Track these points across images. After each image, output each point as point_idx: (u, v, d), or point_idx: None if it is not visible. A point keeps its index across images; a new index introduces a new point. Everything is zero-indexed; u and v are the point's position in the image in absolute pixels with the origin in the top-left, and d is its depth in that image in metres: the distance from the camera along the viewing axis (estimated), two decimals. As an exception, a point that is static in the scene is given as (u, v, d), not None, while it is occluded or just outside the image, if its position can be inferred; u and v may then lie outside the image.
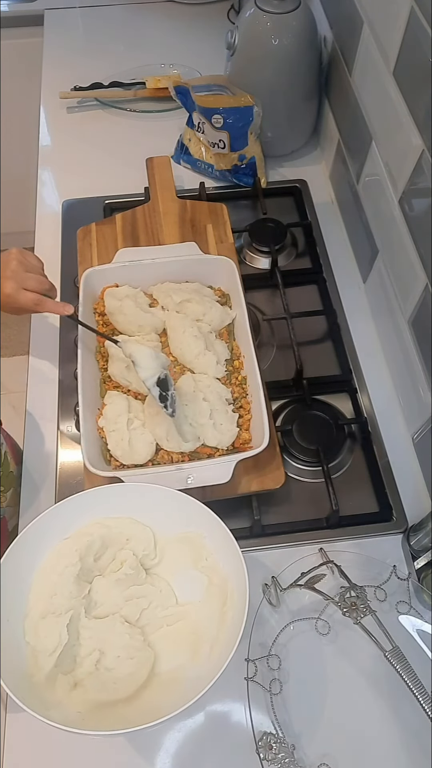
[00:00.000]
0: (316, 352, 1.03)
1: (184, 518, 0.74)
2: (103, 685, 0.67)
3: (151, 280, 0.99)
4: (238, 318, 0.95)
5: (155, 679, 0.69)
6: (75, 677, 0.67)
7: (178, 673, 0.69)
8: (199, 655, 0.69)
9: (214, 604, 0.71)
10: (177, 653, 0.70)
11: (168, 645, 0.71)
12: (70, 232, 1.12)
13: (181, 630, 0.71)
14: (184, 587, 0.74)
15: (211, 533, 0.72)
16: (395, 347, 0.96)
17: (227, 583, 0.71)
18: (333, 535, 0.85)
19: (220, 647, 0.66)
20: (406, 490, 0.89)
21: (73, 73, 1.39)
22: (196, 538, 0.74)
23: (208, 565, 0.73)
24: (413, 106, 0.82)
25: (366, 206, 1.05)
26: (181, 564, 0.75)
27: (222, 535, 0.70)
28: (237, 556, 0.68)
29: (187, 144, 1.24)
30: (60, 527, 0.73)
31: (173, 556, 0.75)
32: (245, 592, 0.65)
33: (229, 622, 0.68)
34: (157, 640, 0.71)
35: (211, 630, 0.69)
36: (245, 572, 0.66)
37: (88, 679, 0.67)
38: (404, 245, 0.88)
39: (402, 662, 0.71)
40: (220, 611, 0.70)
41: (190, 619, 0.72)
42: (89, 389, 0.87)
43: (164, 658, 0.70)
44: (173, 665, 0.69)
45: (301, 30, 1.12)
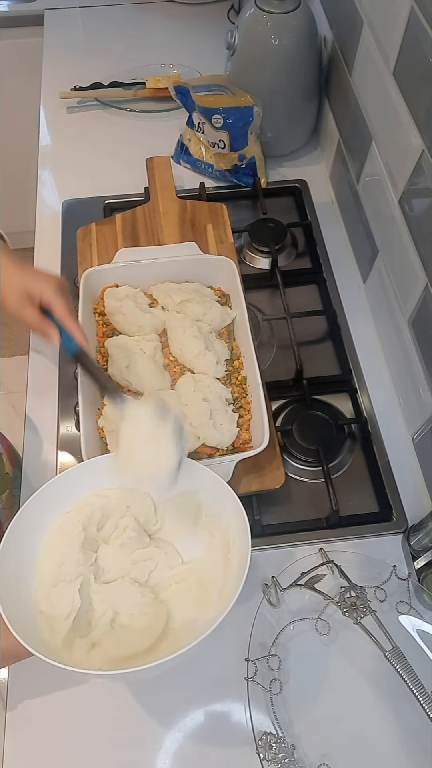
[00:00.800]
0: (316, 352, 1.03)
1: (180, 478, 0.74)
2: (121, 641, 0.68)
3: (151, 280, 0.99)
4: (238, 318, 0.95)
5: (170, 633, 0.70)
6: (92, 639, 0.68)
7: (191, 626, 0.70)
8: (208, 605, 0.70)
9: (218, 555, 0.72)
10: (188, 608, 0.71)
11: (179, 601, 0.72)
12: (70, 232, 1.12)
13: (190, 586, 0.73)
14: (187, 545, 0.76)
15: (205, 487, 0.73)
16: (395, 347, 0.96)
17: (228, 532, 0.72)
18: (333, 535, 0.85)
19: (228, 592, 0.68)
20: (406, 490, 0.89)
21: (73, 73, 1.39)
22: (192, 495, 0.75)
23: (208, 520, 0.75)
24: (413, 106, 0.82)
25: (366, 206, 1.05)
26: (182, 523, 0.76)
27: (216, 486, 0.72)
28: (234, 502, 0.70)
29: (187, 144, 1.24)
30: (59, 501, 0.74)
31: (173, 517, 0.76)
32: (246, 533, 0.67)
33: (234, 566, 0.69)
34: (167, 598, 0.73)
35: (218, 579, 0.71)
36: (243, 514, 0.68)
37: (106, 638, 0.68)
38: (404, 245, 0.88)
39: (402, 662, 0.71)
40: (224, 559, 0.72)
41: (196, 574, 0.73)
42: (89, 389, 0.87)
43: (177, 613, 0.71)
44: (186, 619, 0.71)
45: (301, 30, 1.12)
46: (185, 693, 0.76)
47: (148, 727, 0.74)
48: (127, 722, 0.74)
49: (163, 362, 0.93)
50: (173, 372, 0.92)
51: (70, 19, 1.55)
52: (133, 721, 0.74)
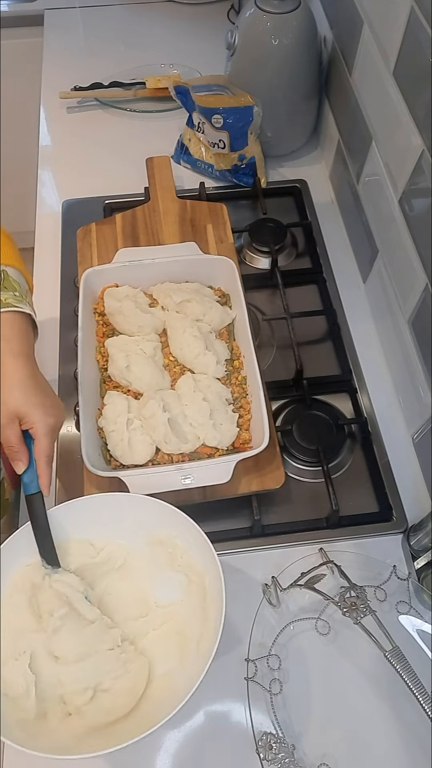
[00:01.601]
0: (316, 352, 1.03)
1: (154, 521, 0.73)
2: (102, 709, 0.65)
3: (151, 280, 0.99)
4: (238, 318, 0.95)
5: (149, 686, 0.68)
6: (67, 709, 0.66)
7: (170, 678, 0.68)
8: (187, 655, 0.68)
9: (195, 600, 0.71)
10: (166, 656, 0.69)
11: (157, 649, 0.70)
12: (70, 232, 1.12)
13: (168, 632, 0.71)
14: (164, 589, 0.74)
15: (181, 532, 0.72)
16: (395, 347, 0.96)
17: (204, 578, 0.71)
18: (333, 535, 0.85)
19: (205, 643, 0.66)
20: (406, 490, 0.89)
21: (73, 73, 1.39)
22: (168, 538, 0.73)
23: (185, 563, 0.73)
24: (413, 106, 0.82)
25: (366, 206, 1.05)
26: (157, 566, 0.74)
27: (192, 532, 0.70)
28: (209, 550, 0.68)
29: (187, 144, 1.25)
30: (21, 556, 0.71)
31: (148, 559, 0.74)
32: (221, 585, 0.66)
33: (211, 617, 0.67)
34: (146, 646, 0.70)
35: (196, 627, 0.69)
36: (218, 565, 0.67)
37: (85, 708, 0.65)
38: (404, 245, 0.88)
39: (402, 662, 0.71)
40: (201, 607, 0.70)
41: (175, 619, 0.72)
42: (89, 389, 0.87)
43: (157, 663, 0.69)
44: (165, 670, 0.69)
45: (301, 30, 1.12)
46: (185, 693, 0.76)
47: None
48: (127, 722, 0.74)
49: (163, 362, 0.93)
50: (173, 372, 0.92)
51: (70, 19, 1.55)
52: (133, 721, 0.74)
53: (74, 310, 0.97)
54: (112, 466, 0.84)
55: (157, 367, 0.91)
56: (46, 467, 0.72)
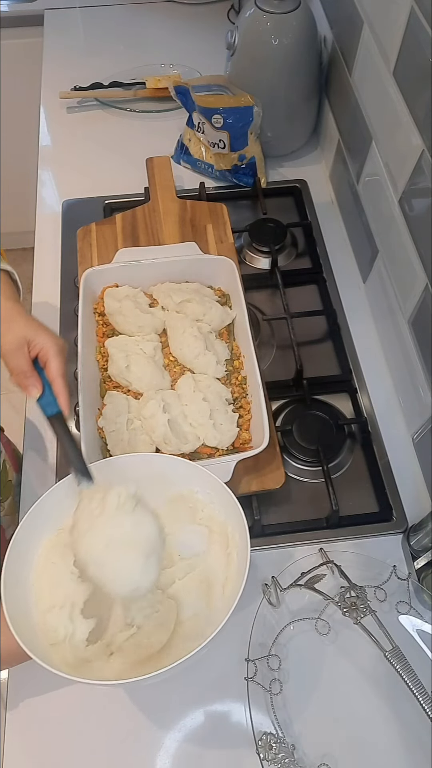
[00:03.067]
0: (316, 352, 1.03)
1: (173, 478, 0.74)
2: (139, 644, 0.68)
3: (151, 280, 0.99)
4: (238, 318, 0.95)
5: (179, 627, 0.70)
6: (111, 647, 0.68)
7: (197, 620, 0.70)
8: (213, 598, 0.70)
9: (218, 549, 0.73)
10: (193, 601, 0.71)
11: (183, 596, 0.72)
12: (70, 232, 1.12)
13: (193, 580, 0.73)
14: (187, 542, 0.75)
15: (201, 486, 0.74)
16: (395, 347, 0.96)
17: (227, 528, 0.72)
18: (333, 535, 0.85)
19: (231, 585, 0.68)
20: (406, 490, 0.89)
21: (73, 73, 1.39)
22: (188, 494, 0.75)
23: (206, 516, 0.75)
24: (413, 106, 0.82)
25: (366, 206, 1.05)
26: (179, 522, 0.76)
27: (212, 484, 0.72)
28: (230, 498, 0.70)
29: (187, 144, 1.25)
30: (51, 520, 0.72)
31: (170, 515, 0.76)
32: (245, 529, 0.67)
33: (235, 561, 0.69)
34: (173, 593, 0.72)
35: (220, 573, 0.71)
36: (240, 512, 0.68)
37: (125, 644, 0.68)
38: (404, 245, 0.88)
39: (402, 662, 0.71)
40: (224, 554, 0.72)
41: (198, 569, 0.73)
42: (89, 389, 0.87)
43: (184, 607, 0.71)
44: (192, 612, 0.71)
45: (301, 30, 1.12)
46: (185, 693, 0.76)
47: (148, 727, 0.74)
48: (127, 722, 0.74)
49: (163, 362, 0.93)
50: (173, 372, 0.92)
51: (70, 19, 1.55)
52: (133, 721, 0.74)
53: (74, 310, 0.97)
54: (112, 466, 0.84)
55: (157, 367, 0.91)
56: (63, 386, 0.73)
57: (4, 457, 0.89)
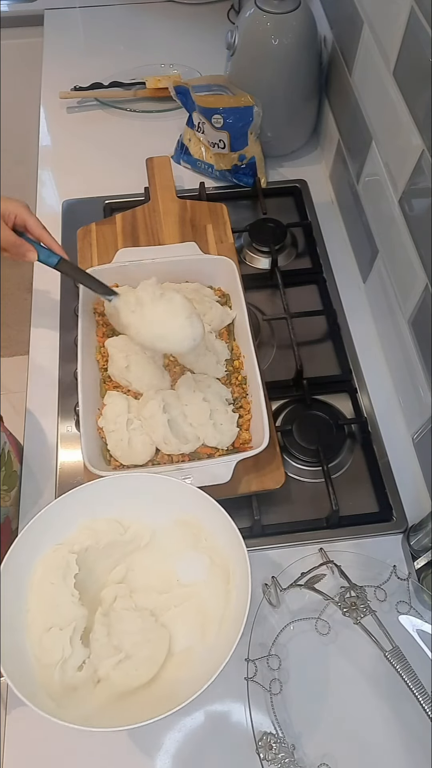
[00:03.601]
0: (316, 352, 1.03)
1: (180, 502, 0.74)
2: (126, 674, 0.67)
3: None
4: (238, 318, 0.95)
5: (170, 660, 0.69)
6: (98, 675, 0.67)
7: (190, 654, 0.69)
8: (208, 634, 0.69)
9: (218, 583, 0.72)
10: (188, 633, 0.71)
11: (178, 625, 0.71)
12: (70, 232, 1.12)
13: (189, 610, 0.72)
14: (187, 568, 0.75)
15: (207, 516, 0.73)
16: (395, 347, 0.96)
17: (228, 564, 0.71)
18: (333, 535, 0.85)
19: (228, 626, 0.67)
20: (406, 490, 0.89)
21: (73, 73, 1.39)
22: (193, 520, 0.74)
23: (208, 546, 0.74)
24: (413, 106, 0.82)
25: (366, 206, 1.05)
26: (181, 546, 0.75)
27: (219, 518, 0.71)
28: (236, 536, 0.68)
29: (187, 144, 1.25)
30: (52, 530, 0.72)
31: (173, 538, 0.76)
32: (247, 571, 0.66)
33: (234, 601, 0.68)
34: (167, 621, 0.72)
35: (218, 609, 0.70)
36: (245, 552, 0.67)
37: (113, 673, 0.67)
38: (404, 245, 0.88)
39: (402, 662, 0.71)
40: (224, 590, 0.71)
41: (196, 598, 0.72)
42: (89, 389, 0.87)
43: (177, 638, 0.71)
44: (185, 645, 0.70)
45: (301, 30, 1.12)
46: (185, 693, 0.76)
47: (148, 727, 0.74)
48: (127, 722, 0.74)
49: (163, 362, 0.93)
50: (173, 372, 0.92)
51: (70, 19, 1.55)
52: (133, 721, 0.74)
53: (74, 310, 0.97)
54: (112, 466, 0.84)
55: (157, 367, 0.90)
56: (50, 237, 0.86)
57: (9, 447, 0.90)
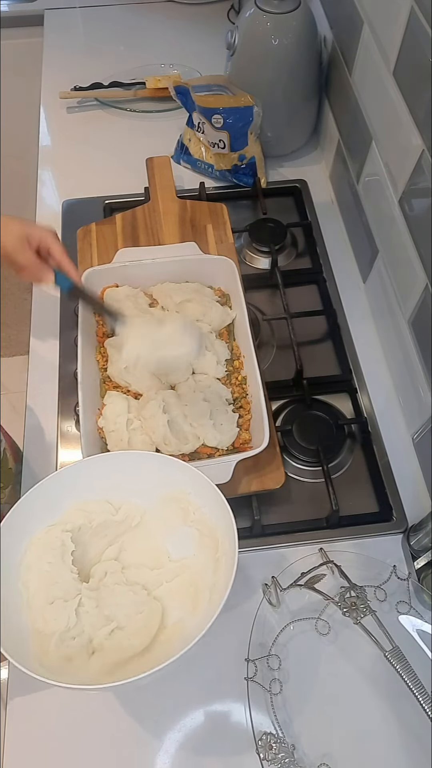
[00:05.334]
0: (316, 352, 1.03)
1: (167, 478, 0.75)
2: (120, 645, 0.68)
3: (151, 280, 0.99)
4: (238, 318, 0.95)
5: (162, 632, 0.70)
6: (92, 646, 0.68)
7: (182, 625, 0.70)
8: (199, 604, 0.70)
9: (208, 554, 0.73)
10: (179, 606, 0.72)
11: (170, 599, 0.72)
12: (70, 232, 1.12)
13: (181, 584, 0.73)
14: (177, 544, 0.76)
15: (195, 488, 0.74)
16: (395, 347, 0.96)
17: (216, 532, 0.72)
18: (333, 535, 0.85)
19: (218, 592, 0.68)
20: (406, 490, 0.89)
21: (73, 73, 1.39)
22: (182, 495, 0.75)
23: (197, 519, 0.75)
24: (413, 106, 0.82)
25: (366, 206, 1.05)
26: (171, 522, 0.76)
27: (205, 487, 0.72)
28: (222, 504, 0.70)
29: (187, 144, 1.25)
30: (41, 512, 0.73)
31: (162, 516, 0.76)
32: (234, 536, 0.67)
33: (222, 567, 0.69)
34: (160, 595, 0.73)
35: (208, 578, 0.71)
36: (231, 516, 0.68)
37: (106, 643, 0.68)
38: (404, 245, 0.88)
39: (402, 662, 0.71)
40: (213, 558, 0.72)
41: (187, 572, 0.74)
42: (89, 389, 0.87)
43: (169, 611, 0.72)
44: (177, 618, 0.71)
45: (301, 30, 1.12)
46: (185, 693, 0.76)
47: (148, 727, 0.74)
48: (128, 722, 0.74)
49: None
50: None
51: (70, 19, 1.55)
52: (133, 721, 0.74)
53: (74, 310, 0.97)
54: (112, 466, 0.84)
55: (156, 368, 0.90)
56: (71, 263, 0.86)
57: (4, 445, 0.90)
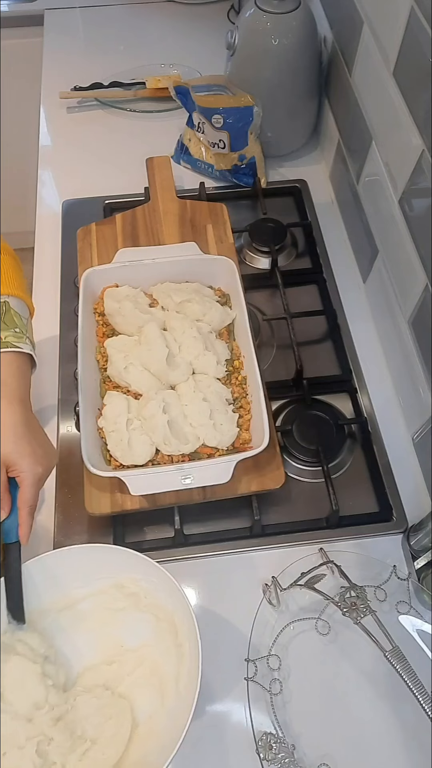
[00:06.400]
0: (316, 352, 1.03)
1: (114, 567, 0.72)
2: (94, 762, 0.64)
3: (151, 280, 0.99)
4: (238, 318, 0.95)
5: (135, 732, 0.67)
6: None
7: (154, 721, 0.67)
8: (167, 695, 0.68)
9: (167, 639, 0.70)
10: (148, 699, 0.69)
11: (136, 693, 0.69)
12: (70, 232, 1.12)
13: (144, 674, 0.70)
14: (132, 631, 0.73)
15: (145, 574, 0.71)
16: (395, 347, 0.96)
17: (173, 617, 0.70)
18: (333, 535, 0.85)
19: (184, 683, 0.66)
20: (406, 490, 0.89)
21: (73, 73, 1.39)
22: (130, 582, 0.72)
23: (150, 603, 0.72)
24: (413, 106, 0.82)
25: (366, 206, 1.05)
26: (122, 609, 0.73)
27: (156, 573, 0.69)
28: (176, 590, 0.67)
29: (187, 144, 1.25)
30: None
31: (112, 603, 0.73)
32: (192, 622, 0.64)
33: (186, 656, 0.67)
34: (124, 691, 0.70)
35: (172, 667, 0.68)
36: (186, 601, 0.66)
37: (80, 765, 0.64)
38: (404, 245, 0.88)
39: (402, 662, 0.71)
40: (174, 644, 0.69)
41: (148, 661, 0.71)
42: (89, 389, 0.87)
43: (138, 706, 0.69)
44: (147, 714, 0.68)
45: (301, 30, 1.12)
46: (185, 693, 0.76)
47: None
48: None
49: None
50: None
51: (70, 19, 1.55)
52: (133, 721, 0.74)
53: (74, 310, 0.97)
54: (112, 466, 0.84)
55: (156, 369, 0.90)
56: (28, 517, 0.70)
57: None
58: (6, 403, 0.71)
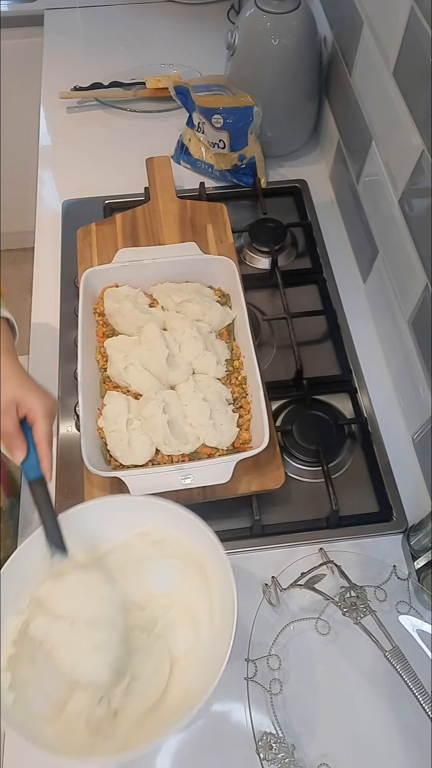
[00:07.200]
0: (316, 352, 1.03)
1: (136, 517, 0.73)
2: (140, 695, 0.67)
3: (151, 280, 0.99)
4: (238, 318, 0.95)
5: (176, 666, 0.69)
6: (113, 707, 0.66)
7: (192, 656, 0.69)
8: (202, 632, 0.69)
9: (196, 580, 0.72)
10: (184, 637, 0.71)
11: (172, 633, 0.71)
12: (70, 232, 1.12)
13: (176, 615, 0.72)
14: (161, 577, 0.74)
15: (169, 521, 0.72)
16: (395, 347, 0.96)
17: (202, 557, 0.71)
18: (333, 535, 0.85)
19: (218, 619, 0.67)
20: (406, 490, 0.89)
21: (73, 73, 1.39)
22: (154, 530, 0.73)
23: (176, 548, 0.73)
24: (413, 106, 0.82)
25: (366, 206, 1.05)
26: (149, 558, 0.74)
27: (180, 519, 0.70)
28: (200, 530, 0.68)
29: (187, 144, 1.25)
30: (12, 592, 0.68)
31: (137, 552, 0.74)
32: (222, 557, 0.66)
33: (216, 590, 0.68)
34: (160, 632, 0.72)
35: (204, 605, 0.70)
36: (214, 540, 0.67)
37: (126, 701, 0.66)
38: (404, 245, 0.88)
39: (402, 662, 0.71)
40: (204, 583, 0.71)
41: (179, 603, 0.72)
42: (89, 389, 0.87)
43: (175, 644, 0.71)
44: (184, 649, 0.70)
45: (301, 30, 1.12)
46: (185, 693, 0.76)
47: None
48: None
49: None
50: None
51: (70, 19, 1.55)
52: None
53: (74, 310, 0.97)
54: (112, 466, 0.84)
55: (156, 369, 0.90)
56: (48, 450, 0.72)
57: None
58: (4, 352, 0.74)
